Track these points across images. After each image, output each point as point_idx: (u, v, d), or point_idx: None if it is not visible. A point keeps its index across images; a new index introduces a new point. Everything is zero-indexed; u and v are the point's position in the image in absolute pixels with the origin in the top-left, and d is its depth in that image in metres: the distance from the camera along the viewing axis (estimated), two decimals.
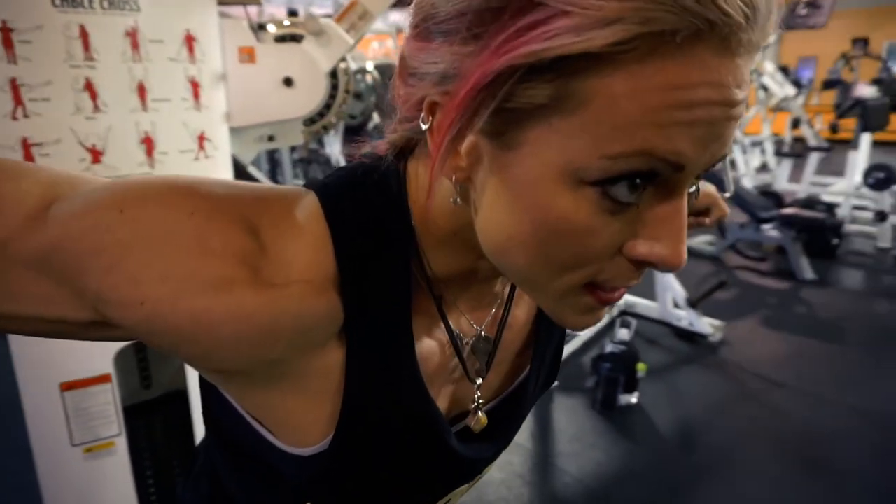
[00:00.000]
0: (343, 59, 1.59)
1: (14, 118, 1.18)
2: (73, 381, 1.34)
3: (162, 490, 1.56)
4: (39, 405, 1.32)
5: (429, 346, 0.44)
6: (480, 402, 0.49)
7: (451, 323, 0.45)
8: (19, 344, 1.29)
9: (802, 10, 7.83)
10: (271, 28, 1.52)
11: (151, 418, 1.54)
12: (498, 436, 0.52)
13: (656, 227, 0.32)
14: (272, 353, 0.38)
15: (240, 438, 0.48)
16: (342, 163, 5.63)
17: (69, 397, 1.34)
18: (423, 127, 0.35)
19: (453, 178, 0.35)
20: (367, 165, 0.42)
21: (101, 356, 1.35)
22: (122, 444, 1.42)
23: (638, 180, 0.30)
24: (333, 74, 1.60)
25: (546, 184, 0.31)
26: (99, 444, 1.40)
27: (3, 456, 2.02)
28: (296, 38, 1.52)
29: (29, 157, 1.21)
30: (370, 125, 4.97)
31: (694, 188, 0.33)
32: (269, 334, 0.36)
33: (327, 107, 1.62)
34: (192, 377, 1.51)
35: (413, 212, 0.40)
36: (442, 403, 0.47)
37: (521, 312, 0.51)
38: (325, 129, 1.64)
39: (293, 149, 5.52)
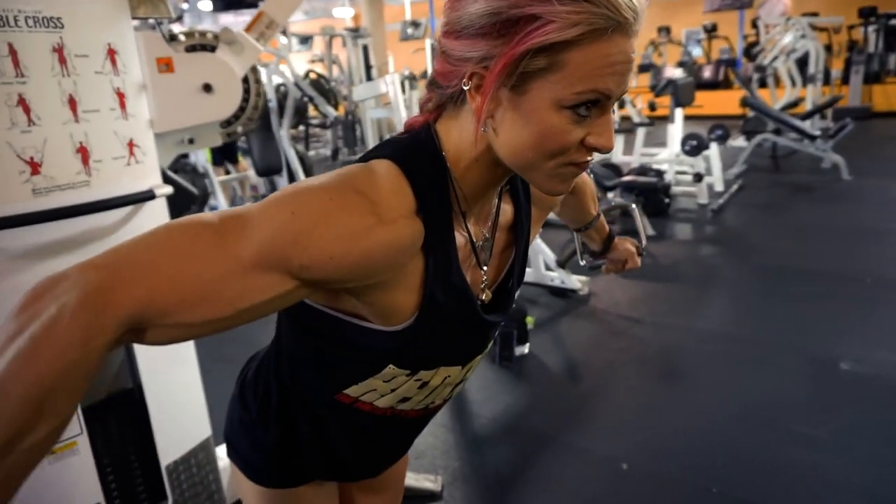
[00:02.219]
0: (253, 67, 1.73)
1: None
2: None
3: (122, 482, 1.62)
4: None
5: (460, 245, 0.68)
6: (486, 282, 0.74)
7: (470, 229, 0.70)
8: None
9: None
10: (182, 38, 1.63)
11: (106, 418, 1.60)
12: (500, 308, 0.77)
13: (598, 128, 0.59)
14: (399, 261, 0.61)
15: (337, 337, 0.70)
16: (209, 169, 5.51)
17: None
18: (465, 88, 0.59)
19: (482, 114, 0.60)
20: (411, 134, 0.66)
21: None
22: (84, 443, 1.47)
23: (589, 104, 0.57)
24: (245, 79, 1.74)
25: (543, 110, 0.57)
26: (62, 446, 1.44)
27: None
28: (207, 48, 1.64)
29: None
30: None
31: (615, 107, 0.61)
32: (398, 250, 0.60)
33: (241, 109, 1.76)
34: (144, 375, 1.59)
35: (447, 158, 0.65)
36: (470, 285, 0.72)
37: (504, 223, 0.76)
38: (243, 129, 1.77)
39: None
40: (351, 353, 0.71)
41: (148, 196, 1.50)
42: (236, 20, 12.99)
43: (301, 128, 7.99)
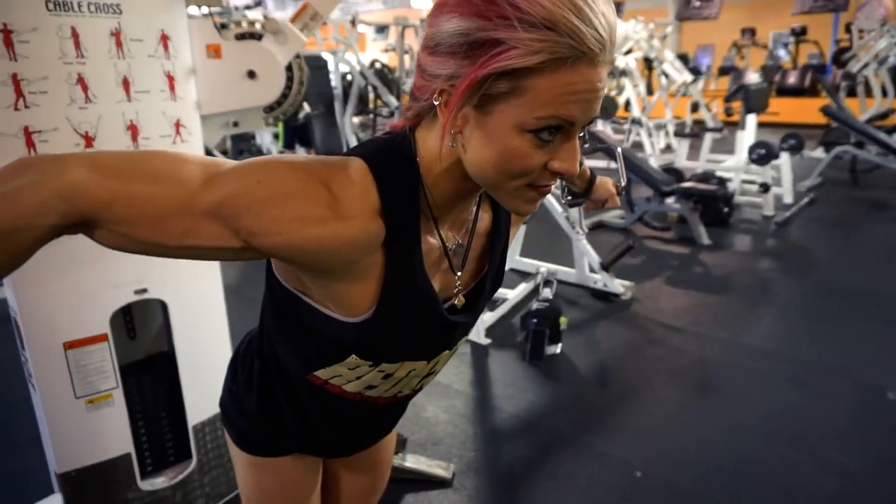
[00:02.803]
0: (297, 56, 1.82)
1: (16, 109, 1.34)
2: (74, 341, 1.51)
3: (152, 437, 1.76)
4: (45, 363, 1.49)
5: (429, 249, 0.71)
6: (459, 287, 0.77)
7: (442, 235, 0.72)
8: (27, 308, 1.45)
9: (696, 3, 8.53)
10: (231, 27, 1.73)
11: (141, 377, 1.73)
12: (470, 311, 0.80)
13: (562, 153, 0.60)
14: (351, 257, 0.64)
15: (305, 321, 0.74)
16: (273, 151, 5.74)
17: (71, 355, 1.52)
18: (436, 103, 0.62)
19: (452, 132, 0.62)
20: (389, 137, 0.69)
21: (99, 318, 1.54)
22: (119, 395, 1.60)
23: (552, 129, 0.58)
24: (289, 67, 1.83)
25: (505, 132, 0.58)
26: (99, 396, 1.58)
27: (13, 411, 2.15)
28: (254, 36, 1.73)
29: (30, 143, 1.38)
30: (301, 114, 5.11)
31: (582, 134, 0.62)
32: (350, 245, 0.63)
33: (284, 96, 1.85)
34: (177, 337, 1.71)
35: (421, 164, 0.67)
36: (436, 286, 0.74)
37: (482, 230, 0.78)
38: (284, 115, 1.86)
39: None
40: (317, 339, 0.76)
41: None
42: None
43: (370, 116, 8.18)
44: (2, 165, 0.57)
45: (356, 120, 6.36)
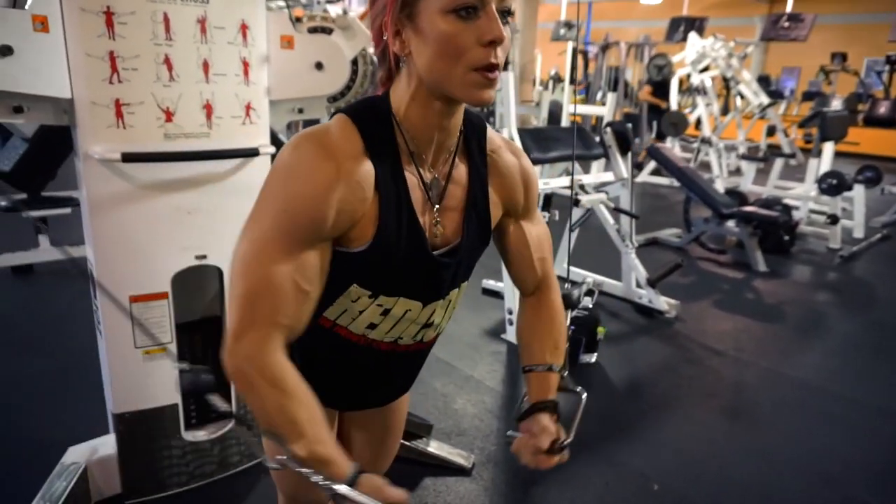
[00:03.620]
0: (363, 50, 1.93)
1: (110, 82, 1.51)
2: (139, 296, 1.68)
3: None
4: (112, 313, 1.66)
5: (413, 186, 0.81)
6: (437, 219, 0.84)
7: (419, 168, 0.82)
8: (102, 261, 1.62)
9: (785, 23, 8.23)
10: (305, 20, 1.86)
11: (193, 335, 1.89)
12: (455, 256, 0.87)
13: (484, 26, 0.70)
14: (358, 194, 0.76)
15: None
16: None
17: (135, 308, 1.68)
18: (384, 39, 0.76)
19: (403, 55, 0.75)
20: (370, 96, 0.83)
21: (162, 277, 1.69)
22: (172, 350, 1.76)
23: (468, 8, 0.69)
24: (354, 61, 1.94)
25: (433, 23, 0.71)
26: (155, 348, 1.74)
27: (85, 355, 2.36)
28: (325, 31, 1.86)
29: (119, 113, 1.54)
30: None
31: (505, 20, 0.72)
32: (357, 185, 0.75)
33: (348, 87, 1.97)
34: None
35: (393, 107, 0.79)
36: (424, 225, 0.83)
37: (459, 178, 0.86)
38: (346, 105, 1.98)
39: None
40: (331, 274, 0.85)
41: (253, 152, 1.74)
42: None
43: None
44: (96, 137, 0.74)
45: None
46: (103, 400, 1.84)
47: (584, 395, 1.02)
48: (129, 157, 1.53)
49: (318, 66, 1.81)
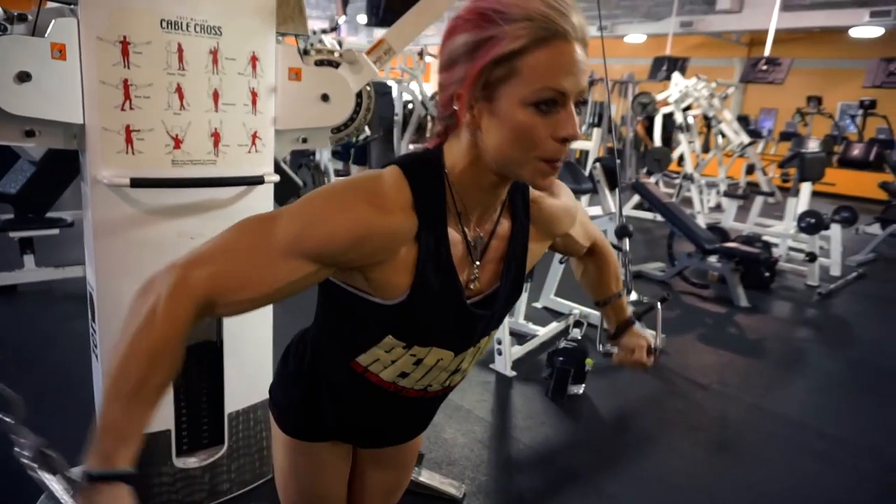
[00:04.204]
0: (368, 84, 1.98)
1: (122, 109, 1.54)
2: None
3: (191, 418, 1.90)
4: (110, 336, 1.66)
5: (455, 243, 0.83)
6: (477, 275, 0.87)
7: (465, 227, 0.84)
8: (103, 284, 1.63)
9: (763, 66, 8.53)
10: (313, 54, 1.91)
11: (188, 361, 1.87)
12: (490, 307, 0.90)
13: (561, 122, 0.72)
14: (392, 245, 0.77)
15: (349, 308, 0.87)
16: (330, 168, 6.00)
17: None
18: (455, 108, 0.76)
19: (471, 127, 0.76)
20: (422, 149, 0.84)
21: None
22: None
23: (548, 102, 0.71)
24: (358, 94, 1.99)
25: (512, 110, 0.71)
26: None
27: (79, 380, 2.32)
28: (332, 64, 1.91)
29: (129, 139, 1.56)
30: (362, 136, 5.34)
31: (579, 109, 0.74)
32: (393, 235, 0.77)
33: (351, 119, 2.01)
34: (226, 329, 1.86)
35: (447, 167, 0.81)
36: (462, 280, 0.85)
37: (502, 233, 0.89)
38: (349, 137, 2.02)
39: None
40: (359, 323, 0.88)
41: (258, 181, 1.77)
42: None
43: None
44: (105, 161, 0.74)
45: (412, 147, 6.58)
46: (92, 424, 1.82)
47: (660, 304, 1.38)
48: (137, 183, 1.55)
49: (325, 97, 1.85)
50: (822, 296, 4.90)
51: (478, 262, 0.87)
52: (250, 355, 1.95)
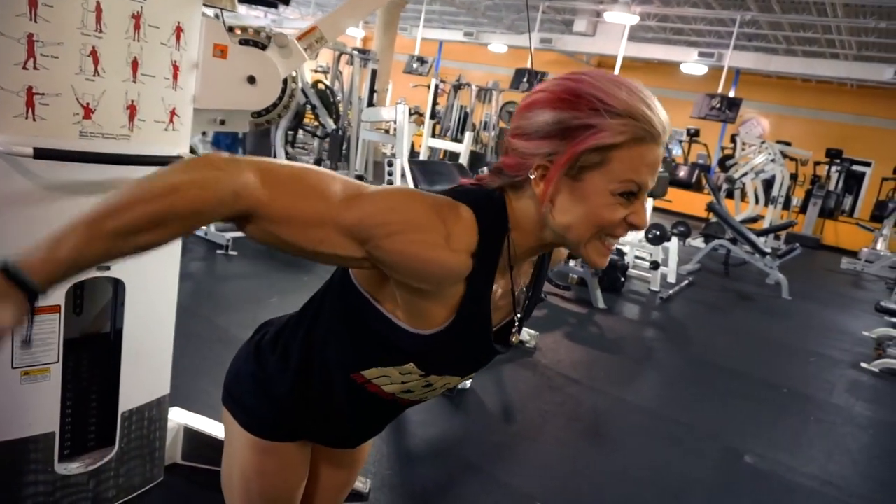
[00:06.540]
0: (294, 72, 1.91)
1: (24, 67, 1.34)
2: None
3: (78, 419, 1.70)
4: None
5: (496, 289, 0.85)
6: (517, 323, 0.91)
7: (513, 280, 0.86)
8: None
9: None
10: (238, 32, 1.80)
11: (80, 355, 1.68)
12: (506, 343, 0.93)
13: (637, 212, 0.77)
14: (445, 281, 0.78)
15: (373, 325, 0.86)
16: (200, 148, 5.59)
17: None
18: (531, 176, 0.77)
19: (543, 197, 0.77)
20: (483, 190, 0.83)
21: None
22: (56, 371, 1.56)
23: (631, 191, 0.76)
24: (283, 80, 1.91)
25: (597, 194, 0.75)
26: (37, 369, 1.53)
27: None
28: (258, 45, 1.81)
29: (30, 103, 1.37)
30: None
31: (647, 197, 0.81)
32: (449, 272, 0.77)
33: (273, 105, 1.92)
34: (126, 320, 1.69)
35: (510, 221, 0.82)
36: (494, 319, 0.88)
37: (530, 271, 0.94)
38: (269, 123, 1.93)
39: None
40: (381, 343, 0.87)
41: (175, 161, 1.63)
42: (248, 13, 13.31)
43: (301, 132, 8.12)
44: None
45: (289, 134, 6.34)
46: None
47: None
48: (42, 154, 1.37)
49: (251, 79, 1.76)
50: (663, 300, 5.53)
51: (519, 315, 0.91)
52: (150, 348, 1.79)
